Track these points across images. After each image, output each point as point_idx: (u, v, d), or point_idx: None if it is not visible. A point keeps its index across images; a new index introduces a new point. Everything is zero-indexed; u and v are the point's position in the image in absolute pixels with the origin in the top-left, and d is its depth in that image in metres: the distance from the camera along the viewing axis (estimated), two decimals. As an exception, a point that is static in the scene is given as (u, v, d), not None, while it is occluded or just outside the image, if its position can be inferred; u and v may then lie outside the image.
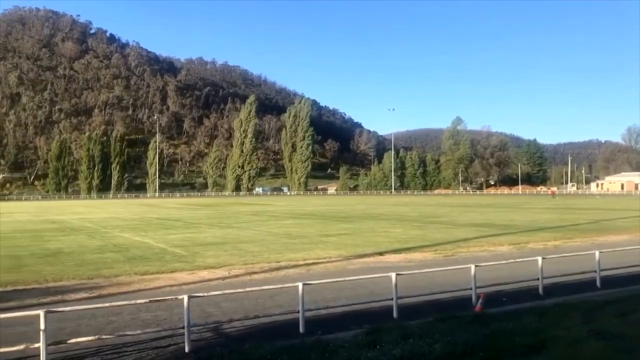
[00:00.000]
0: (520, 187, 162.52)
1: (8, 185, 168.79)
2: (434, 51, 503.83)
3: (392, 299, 10.61)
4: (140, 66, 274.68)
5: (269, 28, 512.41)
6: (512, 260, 14.72)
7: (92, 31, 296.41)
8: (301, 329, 9.45)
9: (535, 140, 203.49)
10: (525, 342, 7.71)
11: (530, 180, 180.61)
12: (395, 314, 10.42)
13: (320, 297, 11.99)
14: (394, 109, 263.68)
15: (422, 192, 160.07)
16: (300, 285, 9.71)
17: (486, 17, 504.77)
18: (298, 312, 9.66)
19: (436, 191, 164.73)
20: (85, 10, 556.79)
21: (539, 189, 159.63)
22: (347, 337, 8.56)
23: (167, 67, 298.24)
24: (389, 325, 9.19)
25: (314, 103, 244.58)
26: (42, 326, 7.60)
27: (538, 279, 12.79)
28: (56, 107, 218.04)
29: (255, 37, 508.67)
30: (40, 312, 7.72)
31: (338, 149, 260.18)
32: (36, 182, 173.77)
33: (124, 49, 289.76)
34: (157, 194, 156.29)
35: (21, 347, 7.94)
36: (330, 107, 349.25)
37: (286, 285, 11.35)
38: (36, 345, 7.70)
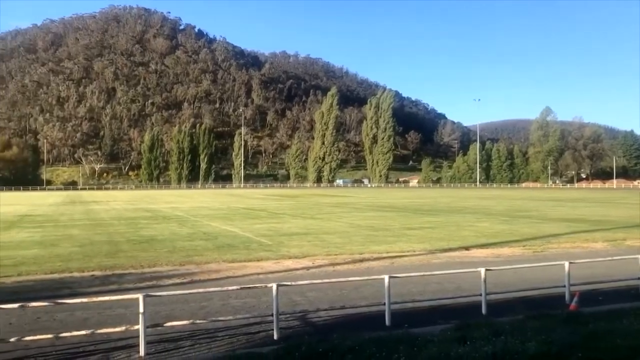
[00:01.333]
0: (615, 181, 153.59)
1: (105, 175, 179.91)
2: (522, 39, 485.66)
3: (480, 295, 10.33)
4: (227, 60, 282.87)
5: (350, 20, 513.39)
6: (609, 258, 13.92)
7: (182, 27, 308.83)
8: (387, 322, 9.41)
9: (632, 131, 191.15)
10: (628, 344, 7.25)
11: (627, 173, 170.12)
12: (484, 310, 10.15)
13: (406, 291, 11.89)
14: (479, 100, 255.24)
15: (508, 186, 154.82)
16: (386, 277, 9.65)
17: (578, 5, 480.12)
18: (384, 304, 9.61)
19: (524, 184, 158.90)
20: (175, 7, 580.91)
21: (636, 183, 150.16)
22: (435, 331, 8.43)
23: (252, 61, 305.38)
24: (478, 321, 8.96)
25: (396, 94, 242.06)
26: (141, 309, 7.99)
27: (638, 278, 12.04)
28: (148, 101, 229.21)
29: (337, 30, 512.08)
30: (140, 296, 8.11)
31: (420, 141, 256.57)
32: (130, 172, 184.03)
33: (211, 44, 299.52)
34: (242, 184, 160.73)
35: (122, 328, 8.42)
36: (413, 98, 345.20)
37: (372, 277, 11.33)
38: (136, 327, 8.11)
